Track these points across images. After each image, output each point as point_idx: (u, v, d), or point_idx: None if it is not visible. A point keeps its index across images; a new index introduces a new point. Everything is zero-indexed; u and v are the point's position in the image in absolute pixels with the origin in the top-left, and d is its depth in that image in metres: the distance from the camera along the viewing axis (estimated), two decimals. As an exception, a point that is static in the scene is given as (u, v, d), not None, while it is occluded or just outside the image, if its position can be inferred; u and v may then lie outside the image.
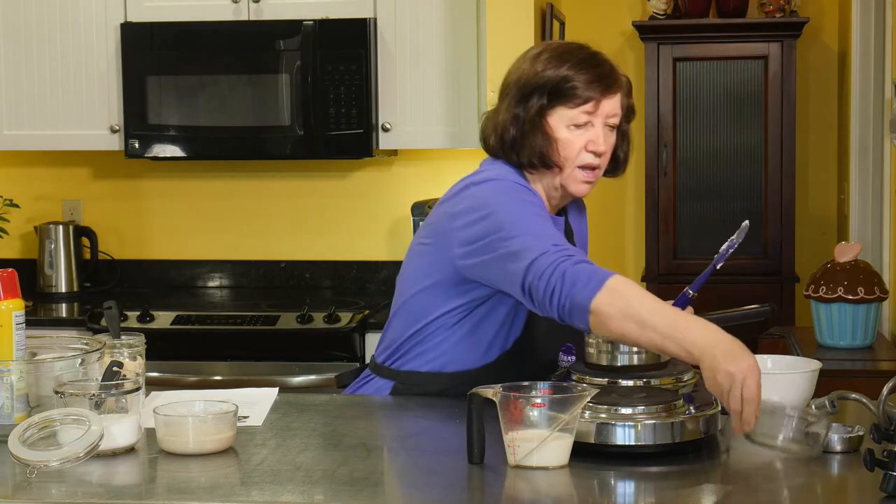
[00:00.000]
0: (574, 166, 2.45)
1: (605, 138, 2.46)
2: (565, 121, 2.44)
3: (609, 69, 2.48)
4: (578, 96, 2.43)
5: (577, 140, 2.44)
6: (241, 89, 4.17)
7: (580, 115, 2.43)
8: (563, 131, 2.44)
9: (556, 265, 2.19)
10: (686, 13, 5.36)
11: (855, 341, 3.68)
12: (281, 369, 3.87)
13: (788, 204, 5.29)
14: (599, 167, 2.48)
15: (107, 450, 2.06)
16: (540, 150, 2.44)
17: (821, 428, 2.02)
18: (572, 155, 2.44)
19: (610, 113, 2.46)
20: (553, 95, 2.43)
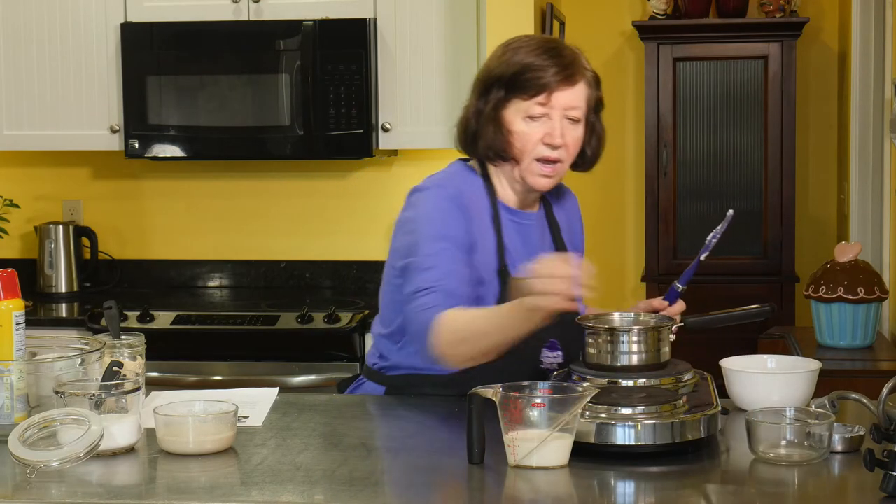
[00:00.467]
0: (531, 159, 2.45)
1: (564, 131, 2.43)
2: (521, 113, 2.43)
3: (570, 60, 2.44)
4: (532, 87, 2.41)
5: (534, 132, 2.43)
6: (241, 89, 4.17)
7: (535, 106, 2.42)
8: (518, 124, 2.44)
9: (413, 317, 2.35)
10: (686, 13, 5.36)
11: (855, 341, 3.68)
12: (281, 369, 3.87)
13: (788, 204, 5.29)
14: (560, 160, 2.46)
15: (107, 450, 2.06)
16: (495, 143, 2.45)
17: (823, 430, 2.02)
18: (528, 147, 2.44)
19: (568, 105, 2.43)
20: (510, 87, 2.43)
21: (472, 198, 2.48)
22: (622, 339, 2.22)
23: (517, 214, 2.53)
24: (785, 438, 2.02)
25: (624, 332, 2.23)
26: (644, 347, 2.22)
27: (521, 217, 2.54)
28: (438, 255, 2.38)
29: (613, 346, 2.22)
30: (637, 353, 2.22)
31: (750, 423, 2.03)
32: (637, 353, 2.22)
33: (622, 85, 5.75)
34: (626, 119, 5.75)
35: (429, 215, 2.43)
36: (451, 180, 2.50)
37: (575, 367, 2.27)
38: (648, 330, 2.24)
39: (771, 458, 2.00)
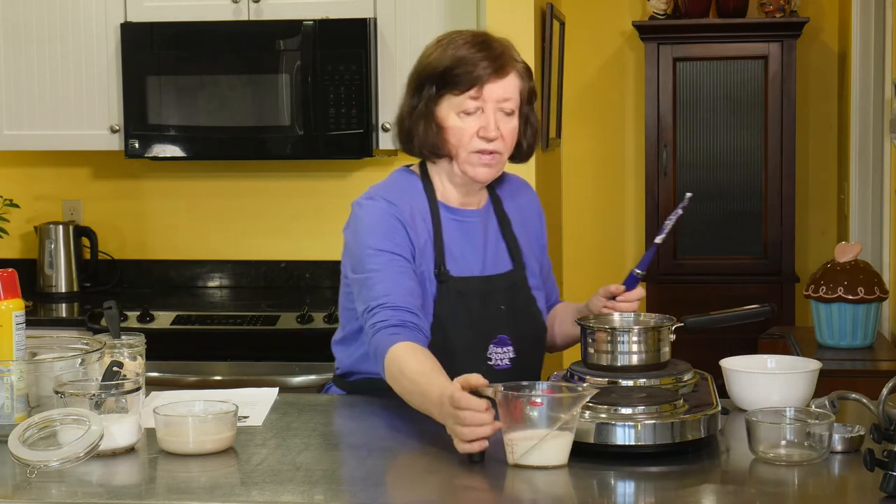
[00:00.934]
0: (468, 152, 2.44)
1: (499, 123, 2.43)
2: (454, 108, 2.44)
3: (500, 52, 2.44)
4: (462, 82, 2.41)
5: (468, 127, 2.43)
6: (241, 89, 4.17)
7: (467, 101, 2.42)
8: (452, 119, 2.44)
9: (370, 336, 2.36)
10: (686, 13, 5.36)
11: (855, 341, 3.68)
12: (281, 369, 3.87)
13: (788, 204, 5.29)
14: (498, 152, 2.45)
15: (107, 450, 2.06)
16: (430, 140, 2.46)
17: (823, 430, 2.02)
18: (463, 141, 2.44)
19: (500, 97, 2.43)
20: (441, 84, 2.44)
21: (411, 203, 2.49)
22: (622, 339, 2.23)
23: (458, 213, 2.53)
24: (785, 438, 2.02)
25: (624, 332, 2.23)
26: (644, 347, 2.23)
27: (463, 215, 2.54)
28: (382, 269, 2.40)
29: (613, 346, 2.22)
30: (637, 353, 2.22)
31: (750, 423, 2.03)
32: (637, 353, 2.22)
33: (622, 85, 5.75)
34: (626, 119, 5.75)
35: (370, 228, 2.46)
36: (390, 190, 2.51)
37: (575, 367, 2.27)
38: (648, 330, 2.24)
39: (771, 458, 2.00)
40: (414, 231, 2.46)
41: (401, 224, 2.44)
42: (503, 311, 2.48)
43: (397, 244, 2.43)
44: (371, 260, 2.42)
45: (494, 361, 2.48)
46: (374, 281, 2.39)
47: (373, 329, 2.35)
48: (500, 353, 2.48)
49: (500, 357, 2.48)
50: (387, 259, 2.41)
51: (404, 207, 2.47)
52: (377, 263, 2.41)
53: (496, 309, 2.48)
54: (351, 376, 2.60)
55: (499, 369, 2.47)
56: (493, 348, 2.48)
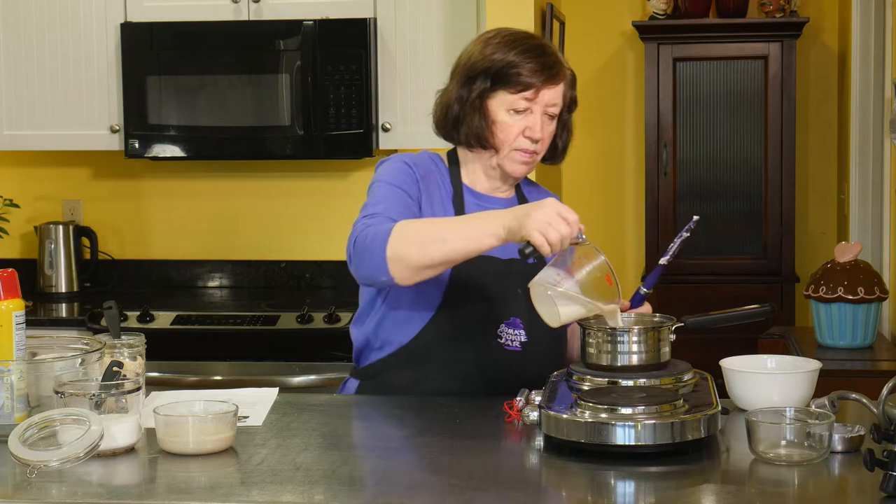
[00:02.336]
0: (510, 149, 2.53)
1: (542, 126, 2.53)
2: (505, 105, 2.52)
3: (554, 60, 2.54)
4: (520, 83, 2.50)
5: (516, 125, 2.52)
6: (241, 89, 4.17)
7: (520, 100, 2.50)
8: (502, 115, 2.52)
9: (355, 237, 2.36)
10: (686, 13, 5.36)
11: (855, 341, 3.68)
12: (281, 369, 3.87)
13: (788, 204, 5.29)
14: (536, 152, 2.55)
15: (107, 450, 2.06)
16: (478, 130, 2.53)
17: (823, 430, 2.02)
18: (509, 139, 2.52)
19: (549, 102, 2.53)
20: (496, 79, 2.51)
21: (432, 174, 2.57)
22: (622, 339, 2.23)
23: (483, 198, 2.60)
24: (785, 438, 2.02)
25: (624, 332, 2.23)
26: (644, 347, 2.23)
27: (487, 201, 2.60)
28: (387, 195, 2.47)
29: (613, 346, 2.22)
30: (637, 353, 2.22)
31: (750, 423, 2.03)
32: (637, 353, 2.22)
33: (622, 85, 5.75)
34: (626, 119, 5.75)
35: (384, 173, 2.55)
36: (414, 158, 2.60)
37: (575, 366, 2.27)
38: (648, 330, 2.24)
39: (771, 458, 2.00)
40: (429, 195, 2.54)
41: (415, 176, 2.53)
42: (520, 295, 2.48)
43: (406, 185, 2.50)
44: (379, 190, 2.50)
45: (504, 340, 2.51)
46: (377, 201, 2.46)
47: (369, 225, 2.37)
48: (511, 333, 2.51)
49: (511, 338, 2.51)
50: (393, 191, 2.49)
51: (423, 170, 2.56)
52: (383, 192, 2.49)
53: (513, 291, 2.50)
54: (363, 360, 2.62)
55: (508, 349, 2.51)
56: (505, 328, 2.51)
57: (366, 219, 2.41)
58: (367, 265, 2.32)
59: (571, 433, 2.06)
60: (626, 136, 5.75)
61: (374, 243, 2.31)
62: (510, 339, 2.51)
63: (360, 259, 2.34)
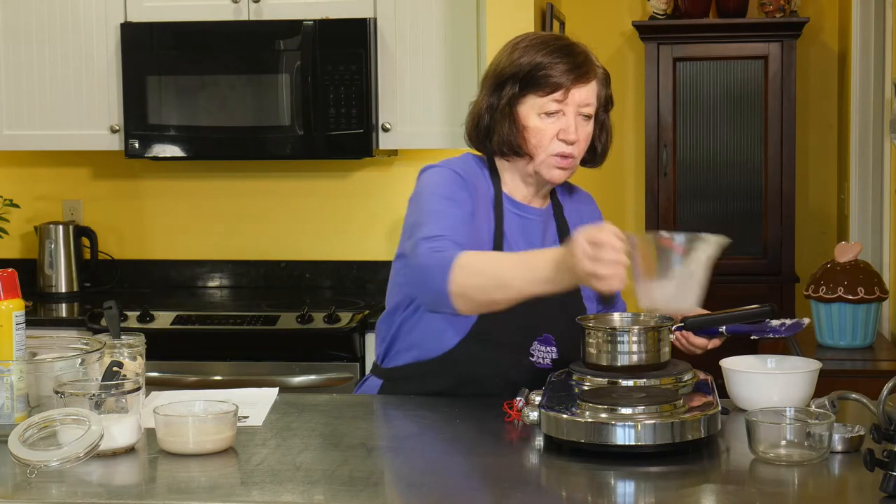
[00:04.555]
0: (547, 154, 2.46)
1: (577, 127, 2.46)
2: (536, 109, 2.45)
3: (583, 59, 2.47)
4: (548, 84, 2.44)
5: (549, 128, 2.45)
6: (241, 89, 4.17)
7: (550, 102, 2.44)
8: (533, 119, 2.46)
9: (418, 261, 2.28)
10: (686, 13, 5.36)
11: (855, 341, 3.68)
12: (281, 369, 3.87)
13: (788, 204, 5.29)
14: (573, 156, 2.48)
15: (107, 450, 2.06)
16: (509, 138, 2.47)
17: (823, 430, 2.02)
18: (544, 143, 2.46)
19: (582, 102, 2.46)
20: (524, 83, 2.45)
21: (477, 181, 2.49)
22: (622, 339, 2.23)
23: (521, 208, 2.54)
24: (785, 438, 2.02)
25: (624, 332, 2.23)
26: (644, 347, 2.23)
27: (526, 211, 2.54)
28: (444, 211, 2.38)
29: (613, 346, 2.22)
30: (637, 353, 2.22)
31: (750, 423, 2.03)
32: (637, 353, 2.22)
33: (622, 85, 5.75)
34: (626, 119, 5.75)
35: (435, 184, 2.45)
36: (459, 162, 2.52)
37: (575, 367, 2.27)
38: (648, 330, 2.24)
39: (771, 458, 2.00)
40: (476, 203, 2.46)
41: (467, 186, 2.45)
42: (553, 311, 2.46)
43: (461, 199, 2.42)
44: (433, 203, 2.40)
45: (537, 358, 2.48)
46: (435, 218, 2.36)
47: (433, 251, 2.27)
48: (543, 351, 2.48)
49: (543, 356, 2.49)
50: (449, 206, 2.39)
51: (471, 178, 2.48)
52: (438, 206, 2.39)
53: (546, 307, 2.44)
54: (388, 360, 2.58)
55: (540, 367, 2.48)
56: (538, 345, 2.48)
57: (429, 241, 2.30)
58: (431, 296, 2.27)
59: (571, 433, 2.06)
60: (626, 136, 5.75)
61: (437, 276, 2.23)
62: (542, 357, 2.49)
63: (423, 287, 2.29)
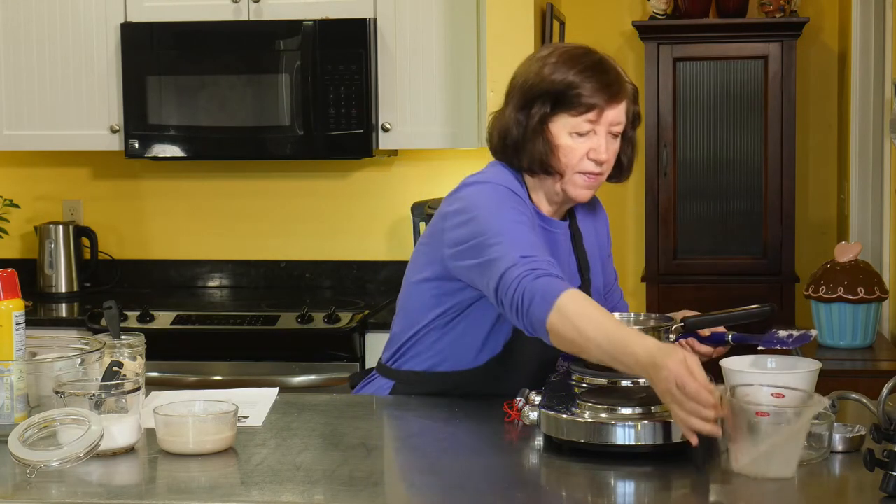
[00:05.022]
0: (575, 172, 2.44)
1: (607, 146, 2.43)
2: (568, 128, 2.42)
3: (615, 77, 2.45)
4: (582, 104, 2.40)
5: (580, 147, 2.42)
6: (241, 89, 4.17)
7: (583, 123, 2.41)
8: (564, 138, 2.42)
9: (520, 281, 2.21)
10: (686, 13, 5.36)
11: (855, 341, 3.68)
12: (281, 369, 3.87)
13: (788, 204, 5.29)
14: (602, 173, 2.46)
15: (107, 450, 2.06)
16: (541, 156, 2.43)
17: (823, 430, 2.02)
18: (573, 162, 2.43)
19: (614, 121, 2.44)
20: (556, 103, 2.41)
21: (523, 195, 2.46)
22: (622, 339, 2.22)
23: (548, 221, 2.52)
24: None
25: (624, 332, 2.23)
26: (644, 347, 2.22)
27: (551, 224, 2.53)
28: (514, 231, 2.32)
29: (613, 346, 2.21)
30: (637, 353, 2.21)
31: (750, 423, 2.02)
32: (637, 353, 2.21)
33: (622, 85, 5.74)
34: (626, 119, 5.75)
35: (490, 202, 2.38)
36: (505, 180, 2.45)
37: (575, 367, 2.27)
38: (648, 330, 2.24)
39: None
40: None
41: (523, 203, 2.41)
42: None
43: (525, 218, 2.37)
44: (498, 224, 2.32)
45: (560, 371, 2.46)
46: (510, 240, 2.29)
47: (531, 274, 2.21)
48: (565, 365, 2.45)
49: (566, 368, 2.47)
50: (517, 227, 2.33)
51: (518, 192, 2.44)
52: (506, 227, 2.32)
53: None
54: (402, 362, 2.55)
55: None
56: (562, 361, 2.47)
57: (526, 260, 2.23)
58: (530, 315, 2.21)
59: (571, 433, 2.06)
60: (626, 136, 5.74)
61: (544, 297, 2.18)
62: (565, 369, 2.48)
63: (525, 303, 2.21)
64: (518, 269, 2.23)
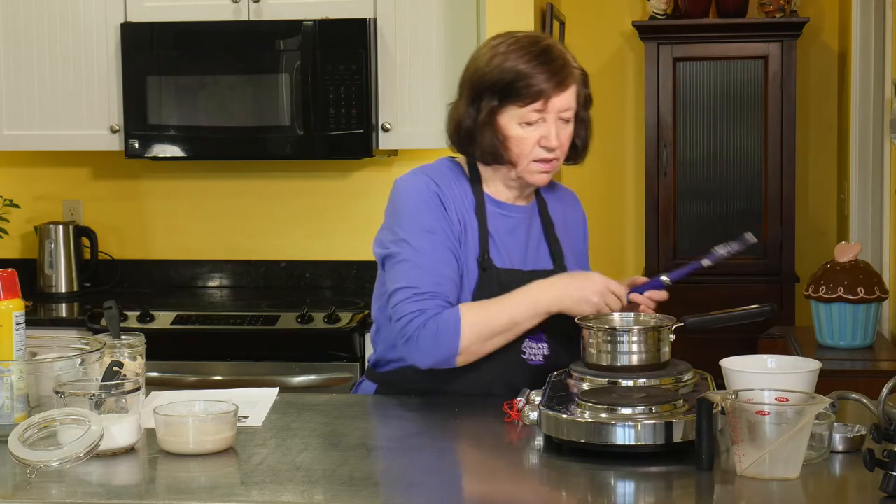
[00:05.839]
0: (529, 160, 2.48)
1: (558, 132, 2.46)
2: (516, 119, 2.46)
3: (561, 65, 2.46)
4: (529, 94, 2.43)
5: (530, 136, 2.46)
6: (241, 89, 4.17)
7: (530, 113, 2.45)
8: (514, 129, 2.46)
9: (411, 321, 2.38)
10: (686, 13, 5.36)
11: (855, 341, 3.68)
12: (281, 369, 3.87)
13: (788, 204, 5.29)
14: (556, 158, 2.50)
15: (107, 450, 2.06)
16: (493, 148, 2.48)
17: (823, 430, 2.02)
18: (525, 151, 2.47)
19: (562, 108, 2.46)
20: (504, 94, 2.45)
21: (453, 187, 2.51)
22: (622, 339, 2.22)
23: (505, 207, 2.56)
24: None
25: (624, 332, 2.23)
26: (644, 347, 2.22)
27: (509, 210, 2.56)
28: (433, 259, 2.42)
29: (613, 346, 2.22)
30: (637, 353, 2.22)
31: (750, 423, 2.02)
32: (637, 353, 2.22)
33: (622, 85, 5.75)
34: (626, 119, 5.75)
35: (415, 206, 2.48)
36: (436, 173, 2.53)
37: (575, 367, 2.27)
38: (648, 330, 2.24)
39: None
40: (456, 215, 2.49)
41: (443, 206, 2.47)
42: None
43: (440, 226, 2.45)
44: (413, 237, 2.44)
45: (528, 356, 2.49)
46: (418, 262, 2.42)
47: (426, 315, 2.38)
48: (534, 348, 2.50)
49: (535, 352, 2.50)
50: (435, 246, 2.43)
51: (446, 190, 2.50)
52: (419, 244, 2.43)
53: None
54: (380, 366, 2.59)
55: (532, 364, 2.49)
56: (529, 342, 2.49)
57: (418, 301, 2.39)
58: (433, 358, 2.39)
59: (571, 433, 2.06)
60: (626, 136, 5.75)
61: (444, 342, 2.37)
62: (533, 354, 2.49)
63: (422, 351, 2.38)
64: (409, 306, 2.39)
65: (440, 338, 2.36)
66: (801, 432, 1.92)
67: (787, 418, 1.91)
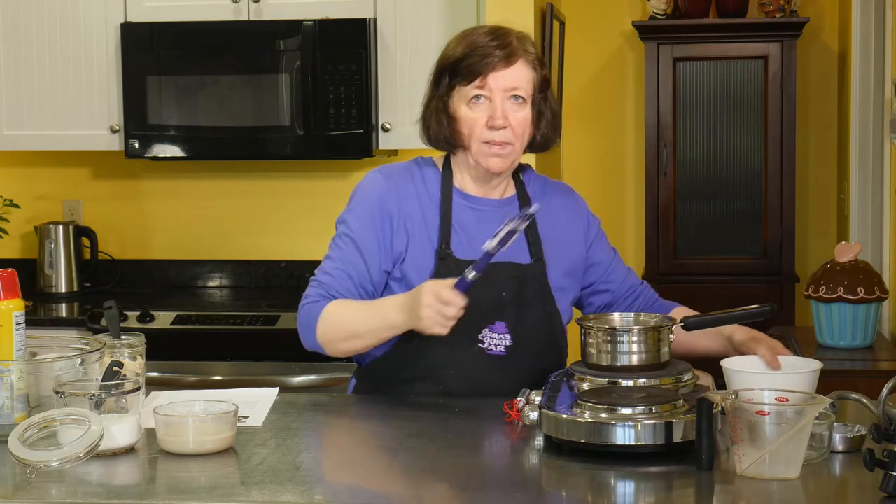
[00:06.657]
0: (480, 142, 2.48)
1: (507, 112, 2.46)
2: (464, 99, 2.49)
3: (505, 42, 2.48)
4: (470, 72, 2.47)
5: (478, 117, 2.48)
6: (241, 89, 4.17)
7: (473, 90, 2.47)
8: (462, 109, 2.49)
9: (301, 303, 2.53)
10: (686, 13, 5.36)
11: (855, 341, 3.68)
12: (281, 369, 3.87)
13: (788, 204, 5.29)
14: (508, 142, 2.48)
15: (107, 450, 2.06)
16: (445, 132, 2.52)
17: (823, 430, 2.02)
18: (475, 132, 2.48)
19: (507, 86, 2.46)
20: (452, 75, 2.50)
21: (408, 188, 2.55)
22: (622, 339, 2.23)
23: (473, 200, 2.57)
24: None
25: (624, 332, 2.23)
26: (644, 347, 2.23)
27: (478, 202, 2.56)
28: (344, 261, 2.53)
29: (613, 347, 2.22)
30: (637, 353, 2.22)
31: (750, 422, 2.02)
32: (637, 353, 2.22)
33: (622, 85, 5.75)
34: (626, 119, 5.75)
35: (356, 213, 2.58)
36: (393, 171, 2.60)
37: (575, 366, 2.27)
38: (648, 330, 2.24)
39: None
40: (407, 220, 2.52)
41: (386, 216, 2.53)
42: (504, 297, 2.47)
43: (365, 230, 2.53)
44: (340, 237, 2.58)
45: (488, 345, 2.48)
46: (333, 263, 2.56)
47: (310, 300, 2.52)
48: (495, 338, 2.48)
49: (496, 343, 2.48)
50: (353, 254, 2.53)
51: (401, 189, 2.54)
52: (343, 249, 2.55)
53: (497, 295, 2.48)
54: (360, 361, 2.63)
55: (492, 354, 2.48)
56: (488, 332, 2.48)
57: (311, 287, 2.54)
58: (306, 341, 2.53)
59: (571, 433, 2.06)
60: (626, 136, 5.75)
61: (307, 325, 2.49)
62: (494, 344, 2.48)
63: (300, 331, 2.53)
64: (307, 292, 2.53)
65: (303, 325, 2.50)
66: (801, 432, 1.92)
67: (787, 418, 1.91)
